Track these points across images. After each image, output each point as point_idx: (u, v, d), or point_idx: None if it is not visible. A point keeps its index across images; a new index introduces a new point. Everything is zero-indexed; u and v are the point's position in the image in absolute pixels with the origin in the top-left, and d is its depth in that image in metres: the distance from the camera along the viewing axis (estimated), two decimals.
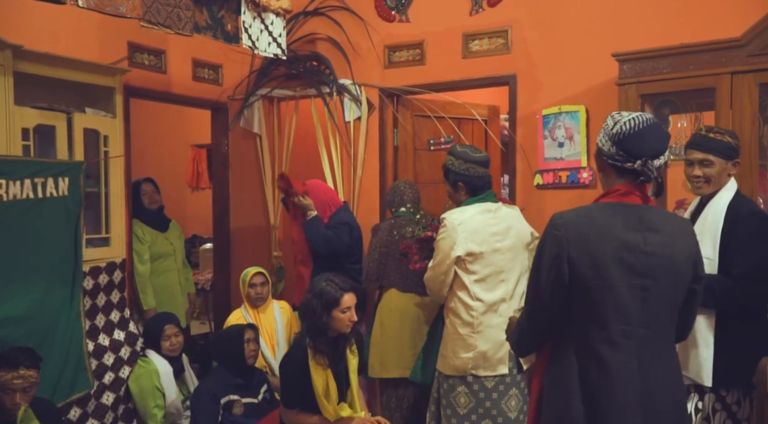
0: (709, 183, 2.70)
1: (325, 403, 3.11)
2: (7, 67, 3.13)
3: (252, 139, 5.32)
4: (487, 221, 3.16)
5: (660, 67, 3.44)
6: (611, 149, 1.99)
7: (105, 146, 3.71)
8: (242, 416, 3.49)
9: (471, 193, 3.23)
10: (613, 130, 1.99)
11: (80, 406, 3.48)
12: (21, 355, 2.84)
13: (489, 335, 3.11)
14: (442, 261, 3.14)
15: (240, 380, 3.57)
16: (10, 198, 3.07)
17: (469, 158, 3.22)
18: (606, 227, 1.95)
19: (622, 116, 2.01)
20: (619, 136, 1.97)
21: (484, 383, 3.14)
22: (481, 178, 3.21)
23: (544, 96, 4.25)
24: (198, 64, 5.00)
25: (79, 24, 3.94)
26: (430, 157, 5.08)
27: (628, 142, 1.96)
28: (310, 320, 3.14)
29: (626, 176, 2.00)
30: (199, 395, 3.50)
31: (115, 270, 3.81)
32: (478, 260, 3.11)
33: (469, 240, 3.09)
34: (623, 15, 3.96)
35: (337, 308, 3.09)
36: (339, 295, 3.10)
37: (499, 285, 3.14)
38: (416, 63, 4.73)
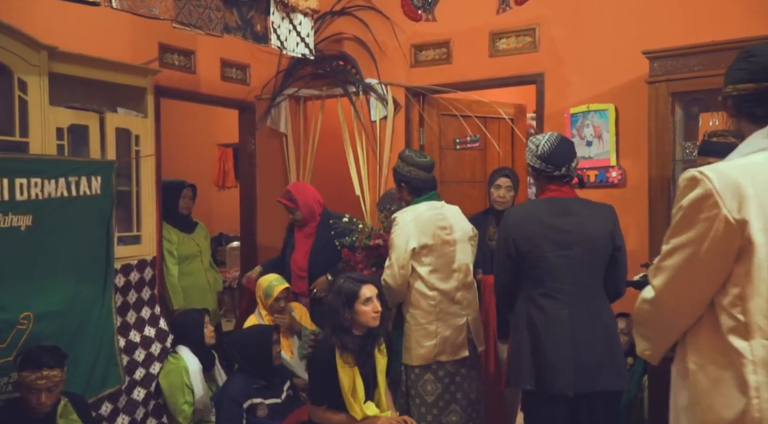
0: None
1: (352, 401, 3.14)
2: (42, 68, 3.18)
3: (278, 139, 5.35)
4: (435, 217, 3.45)
5: (691, 64, 3.41)
6: (541, 165, 2.80)
7: (136, 146, 3.76)
8: (267, 418, 3.51)
9: (414, 193, 3.55)
10: (538, 152, 2.79)
11: (111, 401, 3.53)
12: (45, 354, 2.85)
13: (449, 322, 3.41)
14: (400, 255, 3.39)
15: (263, 382, 3.55)
16: (46, 196, 3.12)
17: (412, 162, 3.54)
18: (537, 215, 2.79)
19: (539, 140, 2.82)
20: (544, 156, 2.78)
21: (448, 368, 3.43)
22: (421, 180, 3.52)
23: (572, 94, 4.23)
24: (226, 64, 5.05)
25: (111, 25, 4.00)
26: (455, 156, 5.08)
27: (552, 158, 2.78)
28: (335, 318, 3.19)
29: (553, 180, 2.83)
30: (221, 400, 3.48)
31: (146, 267, 3.86)
32: (431, 252, 3.40)
33: (421, 233, 3.39)
34: (653, 12, 3.94)
35: (358, 300, 3.14)
36: (357, 287, 3.16)
37: (452, 275, 3.44)
38: (442, 62, 4.73)
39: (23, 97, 3.12)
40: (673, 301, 1.75)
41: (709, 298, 1.68)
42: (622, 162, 4.05)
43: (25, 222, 3.03)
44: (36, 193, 3.07)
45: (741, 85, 1.77)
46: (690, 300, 1.72)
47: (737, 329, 1.62)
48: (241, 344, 3.62)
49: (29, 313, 3.03)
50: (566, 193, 2.84)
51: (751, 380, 1.59)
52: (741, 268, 1.62)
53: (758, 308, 1.60)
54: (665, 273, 1.74)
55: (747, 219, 1.58)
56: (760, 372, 1.58)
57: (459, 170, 5.10)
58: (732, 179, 1.61)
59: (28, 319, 3.03)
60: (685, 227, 1.68)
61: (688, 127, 3.69)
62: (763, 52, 1.74)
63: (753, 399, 1.58)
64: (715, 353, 1.67)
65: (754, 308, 1.60)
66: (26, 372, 2.80)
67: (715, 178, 1.62)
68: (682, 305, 1.74)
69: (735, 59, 1.81)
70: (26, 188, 3.02)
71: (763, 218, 1.59)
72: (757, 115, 1.74)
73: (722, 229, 1.60)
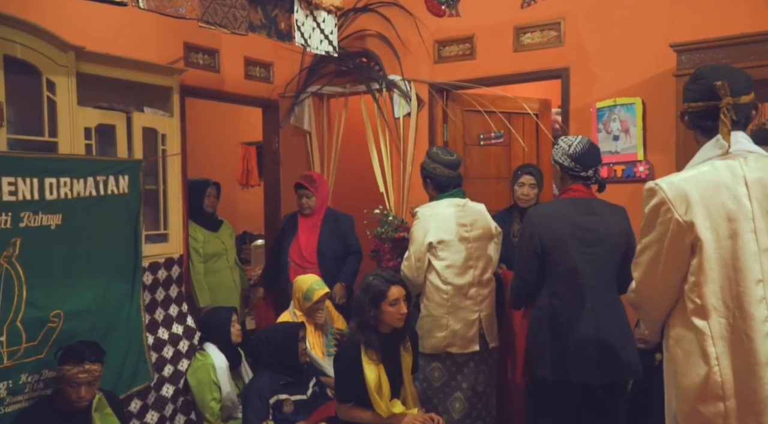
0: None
1: (377, 398, 3.14)
2: (70, 68, 3.21)
3: (302, 136, 5.36)
4: (456, 214, 3.55)
5: (719, 57, 3.37)
6: (570, 164, 2.93)
7: (163, 145, 3.79)
8: (293, 414, 3.52)
9: (438, 189, 3.64)
10: (570, 151, 2.93)
11: (141, 398, 3.56)
12: (87, 349, 2.90)
13: (460, 316, 3.52)
14: (417, 249, 3.54)
15: (289, 379, 3.55)
16: (74, 195, 3.15)
17: (437, 159, 3.63)
18: (563, 214, 2.92)
19: (571, 140, 2.97)
20: (575, 156, 2.92)
21: (456, 359, 3.56)
22: (446, 177, 3.60)
23: (598, 89, 4.19)
24: (250, 62, 5.07)
25: (138, 25, 4.03)
26: (480, 153, 5.06)
27: (582, 159, 2.92)
28: (360, 315, 3.20)
29: (577, 180, 2.97)
30: (248, 396, 3.50)
31: (173, 265, 3.88)
32: (447, 247, 3.51)
33: (439, 229, 3.50)
34: (680, 4, 3.89)
35: (385, 301, 3.14)
36: (386, 288, 3.15)
37: (467, 271, 3.54)
38: (466, 57, 4.72)
39: (52, 98, 3.15)
40: (649, 290, 2.13)
41: (677, 286, 2.04)
42: (649, 157, 4.01)
43: (55, 221, 3.06)
44: (65, 193, 3.10)
45: (693, 104, 2.10)
46: (661, 288, 2.08)
47: (697, 311, 1.99)
48: (268, 340, 3.62)
49: (60, 311, 3.07)
50: (589, 194, 3.00)
51: (711, 351, 1.96)
52: (695, 260, 1.98)
53: (711, 292, 1.96)
54: (640, 268, 2.12)
55: (694, 220, 1.95)
56: (718, 344, 1.96)
57: (483, 166, 5.07)
58: (681, 188, 1.97)
59: (59, 317, 3.06)
60: (649, 229, 2.05)
61: None
62: (708, 74, 2.08)
63: (714, 367, 1.96)
64: (685, 331, 2.03)
65: (708, 293, 1.97)
66: (68, 366, 2.84)
67: (667, 189, 1.98)
68: (656, 293, 2.11)
69: (688, 81, 2.15)
70: (56, 188, 3.05)
71: (709, 219, 1.95)
72: (707, 128, 2.08)
73: (675, 229, 1.97)
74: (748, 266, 1.95)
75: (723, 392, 1.96)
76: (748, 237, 1.95)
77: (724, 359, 1.96)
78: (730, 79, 2.05)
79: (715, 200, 1.96)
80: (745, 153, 2.02)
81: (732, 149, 2.01)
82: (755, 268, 1.95)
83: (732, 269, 1.96)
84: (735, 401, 1.96)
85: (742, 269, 1.95)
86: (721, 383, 1.96)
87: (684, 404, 2.06)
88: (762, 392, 1.93)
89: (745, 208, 1.96)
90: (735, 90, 2.04)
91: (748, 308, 1.94)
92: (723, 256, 1.96)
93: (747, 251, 1.95)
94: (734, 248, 1.96)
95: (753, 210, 1.96)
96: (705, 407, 1.99)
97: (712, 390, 1.97)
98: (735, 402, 1.96)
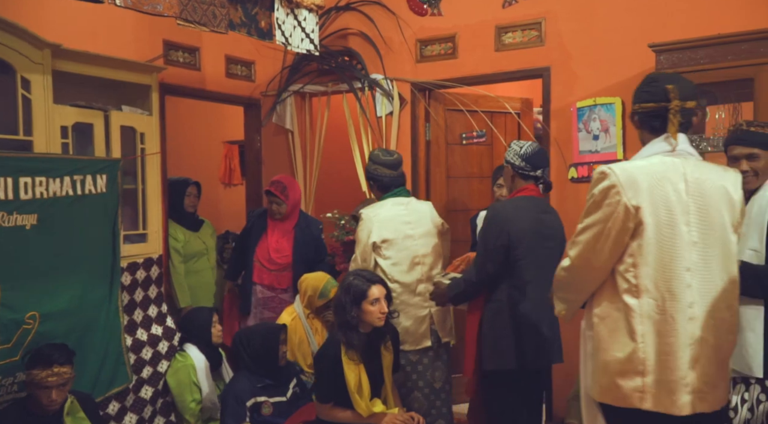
0: (757, 177, 2.67)
1: (358, 398, 3.15)
2: (46, 65, 3.17)
3: (284, 135, 5.34)
4: (399, 212, 3.64)
5: (697, 57, 3.39)
6: (522, 164, 3.14)
7: (142, 143, 3.75)
8: (272, 416, 3.50)
9: (381, 190, 3.72)
10: (521, 152, 3.15)
11: (119, 400, 3.53)
12: (55, 352, 2.86)
13: (410, 313, 3.58)
14: (363, 250, 3.61)
15: (268, 381, 3.55)
16: (51, 195, 3.12)
17: (378, 160, 3.71)
18: (526, 210, 3.08)
19: (523, 144, 3.19)
20: (525, 156, 3.14)
21: (409, 357, 3.59)
22: (388, 177, 3.68)
23: (578, 88, 4.20)
24: (231, 60, 5.03)
25: (116, 22, 3.99)
26: (462, 152, 5.06)
27: (531, 159, 3.14)
28: (341, 315, 3.21)
29: (528, 180, 3.16)
30: (226, 399, 3.51)
31: (153, 266, 3.85)
32: (392, 246, 3.58)
33: (382, 229, 3.57)
34: (659, 5, 3.90)
35: (366, 300, 3.18)
36: (366, 287, 3.19)
37: (414, 268, 3.60)
38: (448, 57, 4.71)
39: (27, 96, 3.11)
40: (584, 268, 2.25)
41: (611, 266, 2.19)
42: (629, 156, 4.00)
43: (30, 221, 3.02)
44: (41, 192, 3.07)
45: (645, 105, 2.30)
46: (596, 267, 2.21)
47: (630, 290, 2.15)
48: (249, 342, 3.61)
49: (35, 312, 3.03)
50: (539, 193, 3.21)
51: (638, 329, 2.13)
52: (635, 242, 2.14)
53: (646, 274, 2.13)
54: (578, 246, 2.24)
55: (640, 205, 2.11)
56: (645, 323, 2.13)
57: (466, 165, 5.07)
58: (632, 175, 2.14)
59: (34, 318, 3.03)
60: (595, 210, 2.19)
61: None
62: (662, 79, 2.30)
63: (639, 343, 2.13)
64: (613, 309, 2.19)
65: (643, 274, 2.13)
66: (36, 370, 2.81)
67: (620, 173, 2.14)
68: (590, 272, 2.24)
69: (641, 84, 2.35)
70: (31, 187, 3.02)
71: (653, 206, 2.12)
72: (655, 127, 2.28)
73: (622, 212, 2.12)
74: (680, 253, 2.14)
75: (644, 368, 2.12)
76: (683, 228, 2.15)
77: (649, 337, 2.13)
78: (680, 85, 2.27)
79: (660, 190, 2.14)
80: (687, 154, 2.25)
81: (677, 148, 2.23)
82: (686, 256, 2.14)
83: (666, 255, 2.13)
84: (653, 377, 2.12)
85: (675, 256, 2.14)
86: (644, 360, 2.12)
87: (603, 378, 2.19)
88: (678, 372, 2.11)
89: (684, 202, 2.16)
90: (683, 95, 2.25)
91: (677, 291, 2.13)
92: (660, 241, 2.13)
93: (681, 241, 2.14)
94: (671, 236, 2.14)
95: (689, 205, 2.17)
96: (625, 382, 2.14)
97: (634, 365, 2.13)
98: (653, 379, 2.12)
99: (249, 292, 4.41)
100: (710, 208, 2.20)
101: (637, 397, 2.13)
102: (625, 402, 2.15)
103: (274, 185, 4.41)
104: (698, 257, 2.16)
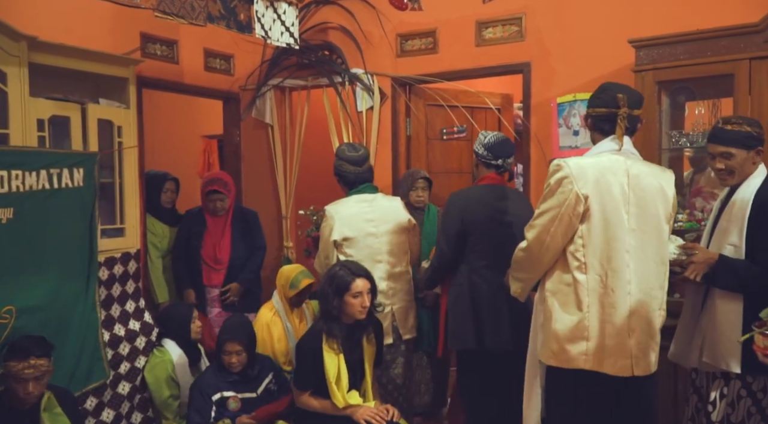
0: (732, 175, 2.68)
1: (335, 388, 3.16)
2: (22, 58, 3.12)
3: (264, 130, 5.31)
4: (362, 210, 3.63)
5: (677, 53, 3.41)
6: (484, 152, 3.33)
7: (119, 137, 3.70)
8: (240, 411, 3.49)
9: (347, 185, 3.73)
10: (485, 141, 3.34)
11: (96, 396, 3.49)
12: (32, 344, 2.84)
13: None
14: (324, 246, 3.65)
15: (236, 377, 3.53)
16: (27, 189, 3.07)
17: (343, 156, 3.72)
18: (482, 198, 3.29)
19: (488, 134, 3.38)
20: (488, 145, 3.32)
21: None
22: (353, 173, 3.68)
23: (558, 84, 4.22)
24: (210, 54, 4.99)
25: (92, 14, 3.94)
26: (442, 147, 5.07)
27: (493, 149, 3.32)
28: (324, 304, 3.23)
29: (491, 169, 3.34)
30: (192, 392, 3.51)
31: (130, 260, 3.81)
32: (352, 244, 3.59)
33: (343, 226, 3.58)
34: (639, 1, 3.93)
35: (348, 293, 3.17)
36: (350, 279, 3.19)
37: (375, 265, 3.58)
38: (429, 51, 4.71)
39: (3, 89, 3.05)
40: (540, 248, 2.57)
41: (562, 246, 2.54)
42: None
43: (6, 215, 2.97)
44: (17, 186, 3.02)
45: (598, 109, 2.65)
46: (550, 248, 2.55)
47: (579, 267, 2.52)
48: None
49: (11, 307, 2.98)
50: (501, 181, 3.37)
51: (585, 300, 2.50)
52: (584, 226, 2.50)
53: (592, 253, 2.50)
54: (536, 229, 2.57)
55: (588, 194, 2.47)
56: (591, 295, 2.50)
57: (446, 161, 5.08)
58: (582, 168, 2.50)
59: (10, 313, 2.98)
60: (550, 196, 2.53)
61: (674, 116, 3.70)
62: (613, 87, 2.64)
63: (585, 313, 2.50)
64: (564, 285, 2.55)
65: (590, 253, 2.50)
66: (13, 362, 2.77)
67: (573, 166, 2.50)
68: (545, 252, 2.57)
69: (595, 91, 2.70)
70: (7, 181, 2.97)
71: (599, 195, 2.48)
72: (605, 130, 2.64)
73: (573, 199, 2.48)
74: (621, 237, 2.50)
75: (588, 334, 2.49)
76: (623, 216, 2.51)
77: (594, 308, 2.49)
78: (629, 94, 2.61)
79: (606, 182, 2.50)
80: (630, 154, 2.59)
81: (622, 148, 2.57)
82: (626, 240, 2.50)
83: (610, 238, 2.49)
84: (596, 342, 2.49)
85: (617, 239, 2.50)
86: (588, 327, 2.49)
87: (554, 344, 2.55)
88: (616, 338, 2.49)
89: (625, 193, 2.52)
90: (631, 103, 2.59)
91: (618, 269, 2.49)
92: (605, 226, 2.49)
93: (621, 226, 2.50)
94: (614, 221, 2.49)
95: (629, 196, 2.52)
96: (572, 347, 2.51)
97: (580, 332, 2.49)
98: (595, 344, 2.49)
99: (202, 294, 4.38)
100: (647, 201, 2.54)
101: (582, 359, 2.50)
102: (570, 364, 2.52)
103: (217, 184, 4.38)
104: (635, 242, 2.51)
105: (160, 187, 4.58)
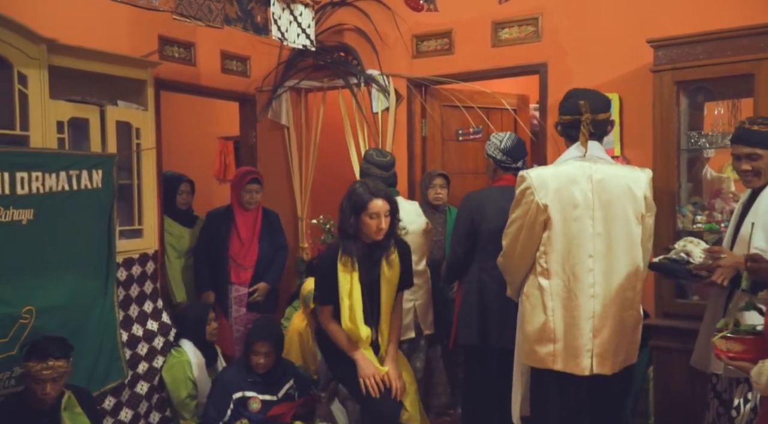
0: (759, 176, 2.61)
1: (346, 305, 3.11)
2: (42, 61, 3.16)
3: (280, 131, 5.32)
4: None
5: (696, 52, 3.38)
6: (504, 158, 3.39)
7: (137, 139, 3.73)
8: (259, 413, 3.49)
9: None
10: (502, 147, 3.39)
11: (115, 395, 3.52)
12: (51, 345, 2.85)
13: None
14: None
15: (258, 378, 3.56)
16: (47, 190, 3.10)
17: (371, 160, 3.85)
18: (494, 199, 3.33)
19: (502, 137, 3.43)
20: (506, 150, 3.38)
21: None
22: (380, 177, 3.70)
23: (575, 84, 4.10)
24: (226, 56, 5.01)
25: (111, 17, 3.96)
26: (458, 148, 5.05)
27: (512, 152, 3.38)
28: (342, 220, 3.17)
29: (510, 171, 3.38)
30: (215, 384, 3.56)
31: (148, 261, 3.84)
32: None
33: None
34: (657, 0, 3.90)
35: (365, 212, 3.08)
36: (367, 198, 3.09)
37: None
38: (444, 52, 4.70)
39: (23, 91, 3.09)
40: (512, 255, 2.79)
41: (532, 254, 2.71)
42: (626, 152, 4.03)
43: (26, 216, 3.01)
44: (37, 187, 3.06)
45: (564, 117, 2.78)
46: (520, 254, 2.75)
47: (543, 273, 2.69)
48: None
49: (31, 307, 3.02)
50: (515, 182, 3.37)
51: (549, 304, 2.67)
52: (546, 234, 2.66)
53: (554, 260, 2.66)
54: (508, 237, 2.79)
55: (548, 204, 2.63)
56: (555, 299, 2.67)
57: (462, 162, 5.07)
58: (544, 179, 2.65)
59: (30, 313, 3.02)
60: (516, 207, 2.73)
61: (693, 116, 3.66)
62: (578, 94, 2.76)
63: (550, 317, 2.67)
64: (534, 289, 2.73)
65: (552, 260, 2.67)
66: (32, 362, 2.80)
67: (534, 178, 2.66)
68: (516, 258, 2.78)
69: (562, 98, 2.81)
70: (27, 182, 3.01)
71: (560, 204, 2.63)
72: (572, 136, 2.75)
73: (535, 209, 2.65)
74: (584, 243, 2.64)
75: (554, 336, 2.66)
76: (587, 222, 2.64)
77: (558, 312, 2.66)
78: (592, 100, 2.70)
79: (567, 191, 2.63)
80: (596, 158, 2.69)
81: (587, 154, 2.68)
82: (589, 245, 2.64)
83: (572, 245, 2.63)
84: (562, 344, 2.65)
85: (579, 246, 2.64)
86: (554, 330, 2.66)
87: (526, 345, 2.75)
88: (580, 340, 2.64)
89: (589, 200, 2.64)
90: (594, 109, 2.68)
91: (580, 274, 2.64)
92: (566, 233, 2.64)
93: (585, 232, 2.64)
94: (576, 229, 2.63)
95: (594, 202, 2.64)
96: (540, 347, 2.69)
97: (546, 334, 2.66)
98: (561, 345, 2.66)
99: (225, 294, 4.39)
100: (613, 204, 2.64)
101: (549, 359, 2.67)
102: (541, 364, 2.70)
103: (253, 174, 4.49)
104: (603, 245, 2.64)
105: (176, 189, 4.60)
